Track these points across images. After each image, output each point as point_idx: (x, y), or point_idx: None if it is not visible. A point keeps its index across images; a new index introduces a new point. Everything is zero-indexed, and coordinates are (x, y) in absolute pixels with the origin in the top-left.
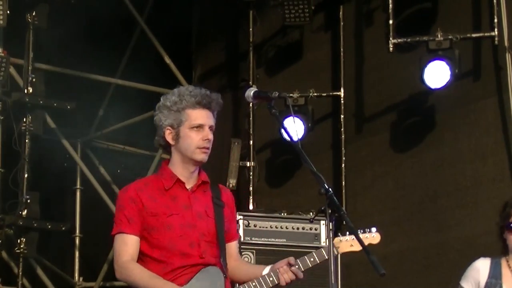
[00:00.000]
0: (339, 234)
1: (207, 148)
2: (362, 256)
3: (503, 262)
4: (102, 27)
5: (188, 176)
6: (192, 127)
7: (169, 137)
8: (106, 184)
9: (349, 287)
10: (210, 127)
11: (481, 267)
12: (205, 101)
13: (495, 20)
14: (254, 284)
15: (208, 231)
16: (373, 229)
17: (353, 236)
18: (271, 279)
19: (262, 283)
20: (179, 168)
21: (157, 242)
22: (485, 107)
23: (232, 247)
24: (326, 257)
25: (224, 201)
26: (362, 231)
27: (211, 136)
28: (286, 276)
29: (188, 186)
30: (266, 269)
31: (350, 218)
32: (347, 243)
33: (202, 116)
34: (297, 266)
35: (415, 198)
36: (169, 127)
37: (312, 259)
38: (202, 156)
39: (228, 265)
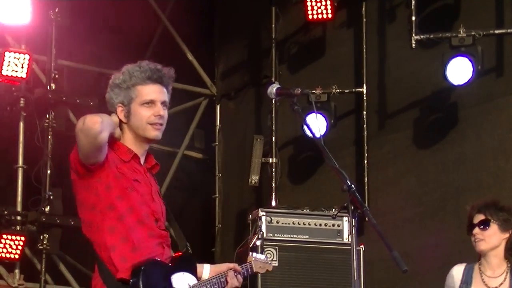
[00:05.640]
0: (253, 254)
1: (160, 124)
2: (384, 253)
3: (476, 267)
4: (124, 24)
5: (141, 154)
6: (143, 103)
7: (121, 115)
8: None
9: (371, 283)
10: (163, 103)
11: (455, 273)
12: (155, 76)
13: None
14: (209, 282)
15: (162, 212)
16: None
17: (261, 259)
18: (223, 280)
19: (217, 282)
20: (132, 146)
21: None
22: (508, 104)
23: None
24: (254, 271)
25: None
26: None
27: (163, 112)
28: (233, 281)
29: (142, 163)
30: (206, 269)
31: (373, 215)
32: (258, 264)
33: (154, 91)
34: (240, 275)
35: (437, 195)
36: (120, 105)
37: (243, 271)
38: (155, 133)
39: None
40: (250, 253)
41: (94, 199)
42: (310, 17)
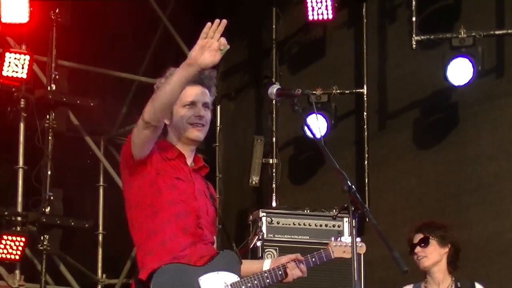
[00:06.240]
0: (337, 238)
1: (201, 125)
2: (384, 253)
3: (422, 286)
4: (124, 24)
5: (188, 155)
6: (184, 104)
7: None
8: None
9: (371, 283)
10: (204, 104)
11: None
12: (196, 78)
13: None
14: (259, 276)
15: (207, 211)
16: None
17: (346, 243)
18: (280, 273)
19: (269, 276)
20: (177, 146)
21: (158, 194)
22: (509, 104)
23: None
24: (331, 258)
25: (213, 195)
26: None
27: (203, 113)
28: (294, 272)
29: (188, 163)
30: (267, 263)
31: (373, 215)
32: (340, 249)
33: (195, 93)
34: (303, 264)
35: (438, 195)
36: None
37: (313, 259)
38: (196, 134)
39: None
40: (332, 238)
41: (138, 197)
42: (310, 17)
